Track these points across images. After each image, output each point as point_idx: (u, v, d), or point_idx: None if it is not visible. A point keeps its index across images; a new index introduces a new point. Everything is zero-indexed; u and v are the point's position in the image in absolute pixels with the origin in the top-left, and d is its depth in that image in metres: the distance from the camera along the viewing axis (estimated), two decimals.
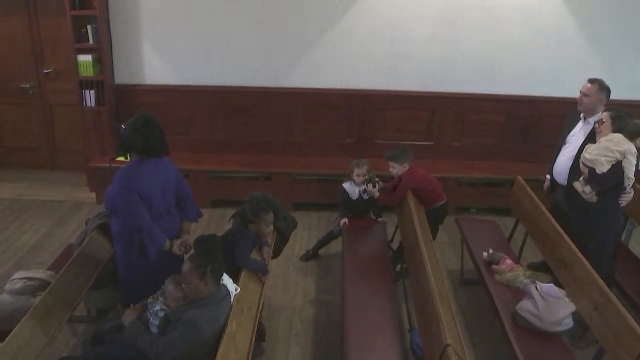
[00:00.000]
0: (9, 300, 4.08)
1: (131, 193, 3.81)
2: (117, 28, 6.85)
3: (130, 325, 3.62)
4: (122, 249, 4.06)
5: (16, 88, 7.55)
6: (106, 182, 6.33)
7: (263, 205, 4.24)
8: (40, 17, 7.22)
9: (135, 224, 3.88)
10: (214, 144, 7.18)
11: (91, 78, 6.83)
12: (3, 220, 6.65)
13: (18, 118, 7.77)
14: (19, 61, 7.45)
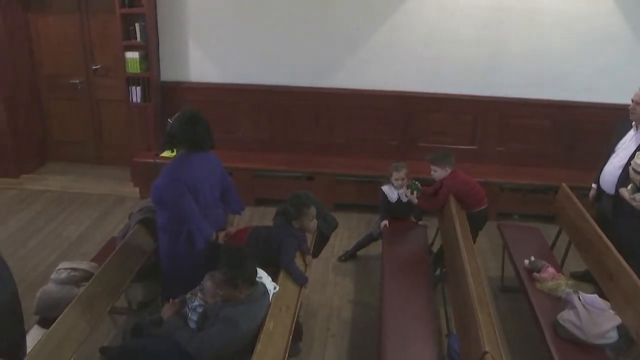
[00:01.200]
0: (55, 289, 4.18)
1: (179, 185, 3.86)
2: (164, 26, 6.96)
3: (169, 320, 3.67)
4: (168, 241, 4.11)
5: (66, 84, 7.74)
6: (150, 177, 6.46)
7: (305, 200, 4.26)
8: (90, 16, 7.38)
9: (184, 215, 3.94)
10: (258, 143, 7.22)
11: (138, 75, 6.96)
12: (50, 212, 6.83)
13: (67, 113, 7.95)
14: (70, 58, 7.63)
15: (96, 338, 4.29)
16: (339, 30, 6.75)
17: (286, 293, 3.97)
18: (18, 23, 7.43)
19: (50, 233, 6.37)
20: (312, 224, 4.35)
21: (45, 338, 3.36)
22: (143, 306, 4.61)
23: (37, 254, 5.94)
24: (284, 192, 5.83)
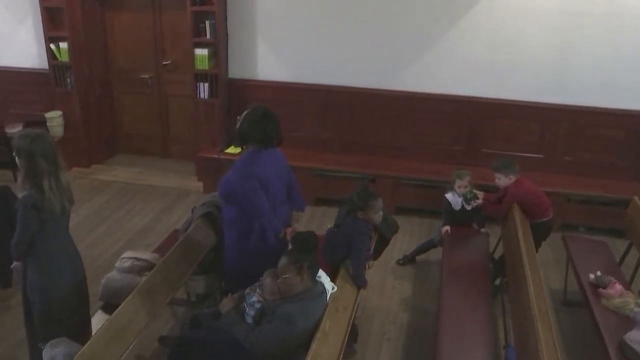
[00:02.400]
0: (118, 277, 4.30)
1: (252, 180, 3.88)
2: (234, 24, 7.06)
3: (227, 314, 3.72)
4: (235, 236, 4.12)
5: (137, 78, 7.95)
6: (214, 172, 6.60)
7: (372, 192, 4.25)
8: (163, 13, 7.57)
9: (255, 210, 3.94)
10: (321, 143, 7.24)
11: (206, 71, 7.09)
12: (117, 202, 7.04)
13: (137, 107, 8.17)
14: (141, 53, 7.84)
15: (155, 327, 4.40)
16: (405, 33, 6.69)
17: (344, 294, 3.96)
18: (95, 20, 7.69)
19: (117, 222, 6.57)
20: (378, 216, 4.29)
21: (107, 324, 3.47)
22: (202, 299, 4.69)
23: (104, 242, 6.13)
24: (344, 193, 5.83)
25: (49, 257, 3.62)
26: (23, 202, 3.46)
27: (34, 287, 3.66)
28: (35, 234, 3.52)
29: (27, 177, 3.46)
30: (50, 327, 3.66)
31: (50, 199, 3.48)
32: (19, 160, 3.47)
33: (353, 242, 4.14)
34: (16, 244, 3.56)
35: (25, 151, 3.44)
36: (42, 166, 3.45)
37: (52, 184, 3.49)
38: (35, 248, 3.57)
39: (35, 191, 3.45)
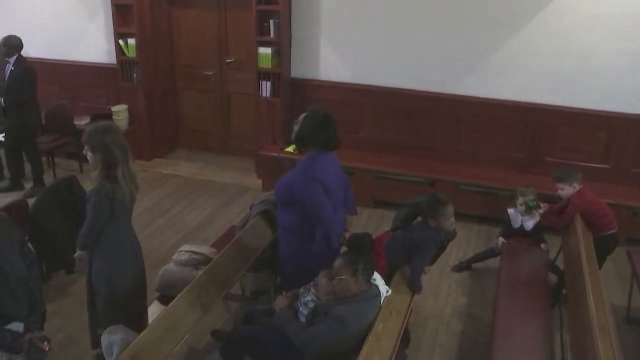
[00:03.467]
0: (175, 270, 4.38)
1: (316, 183, 3.87)
2: (298, 23, 7.10)
3: (280, 312, 3.74)
4: (294, 240, 4.09)
5: (201, 75, 8.08)
6: (273, 170, 6.66)
7: (440, 198, 4.18)
8: (228, 11, 7.67)
9: (320, 214, 3.91)
10: (380, 145, 7.20)
11: (269, 70, 7.14)
12: (177, 196, 7.17)
13: (199, 103, 8.31)
14: (206, 51, 7.97)
15: (209, 321, 4.45)
16: (470, 36, 6.57)
17: (398, 298, 3.94)
18: (162, 17, 7.87)
19: (176, 215, 6.69)
20: (449, 223, 4.21)
21: (163, 315, 3.54)
22: (256, 295, 4.73)
23: (162, 234, 6.26)
24: (404, 196, 5.80)
25: (116, 246, 3.75)
26: (96, 192, 3.58)
27: (99, 275, 3.77)
28: (104, 224, 3.64)
29: (103, 169, 3.58)
30: (112, 314, 3.77)
31: (122, 187, 3.61)
32: (95, 155, 3.59)
33: (420, 248, 4.10)
34: (86, 234, 3.68)
35: (100, 145, 3.56)
36: (117, 155, 3.58)
37: (124, 171, 3.63)
38: (103, 237, 3.69)
39: (108, 182, 3.56)
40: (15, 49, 6.86)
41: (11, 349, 3.11)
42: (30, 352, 3.15)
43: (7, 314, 3.14)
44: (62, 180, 5.38)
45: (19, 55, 6.89)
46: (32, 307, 3.27)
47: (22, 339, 3.14)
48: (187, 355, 4.40)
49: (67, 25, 8.18)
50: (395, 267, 4.21)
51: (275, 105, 7.28)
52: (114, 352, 3.37)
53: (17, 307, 3.18)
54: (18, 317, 3.19)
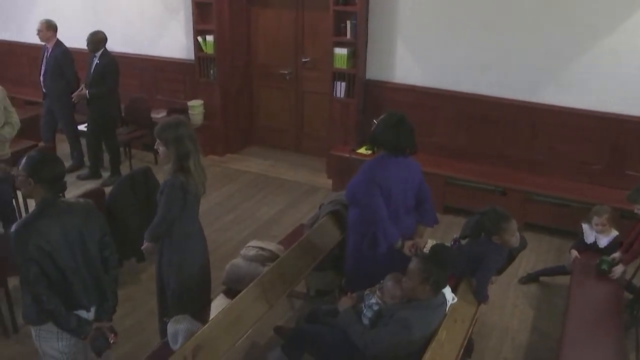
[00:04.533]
0: (242, 264, 4.42)
1: (373, 185, 3.88)
2: (374, 25, 7.05)
3: (344, 312, 3.72)
4: (355, 239, 4.14)
5: (276, 74, 8.15)
6: (344, 171, 6.65)
7: (503, 214, 4.09)
8: (306, 11, 7.71)
9: (372, 215, 3.94)
10: (453, 150, 7.06)
11: (344, 70, 7.14)
12: (248, 192, 7.27)
13: (274, 101, 8.39)
14: (282, 49, 8.04)
15: (272, 317, 4.47)
16: (551, 42, 6.35)
17: (463, 306, 3.87)
18: (241, 15, 7.99)
19: (245, 211, 6.78)
20: (515, 239, 4.13)
21: (228, 308, 3.59)
22: (321, 294, 4.73)
23: (231, 229, 6.35)
24: (474, 203, 5.68)
25: (186, 237, 3.83)
26: (170, 184, 3.67)
27: (170, 265, 3.86)
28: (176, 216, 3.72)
29: (176, 162, 3.67)
30: (180, 305, 3.86)
31: (194, 179, 3.70)
32: (168, 149, 3.67)
33: (484, 262, 4.02)
34: (158, 225, 3.78)
35: (173, 139, 3.65)
36: (189, 147, 3.67)
37: (195, 163, 3.71)
38: (174, 229, 3.78)
39: (181, 174, 3.65)
40: (101, 43, 7.13)
41: (77, 333, 3.21)
42: (95, 340, 3.24)
43: (75, 301, 3.23)
44: (138, 171, 5.54)
45: (104, 50, 7.16)
46: (103, 298, 3.36)
47: (89, 326, 3.22)
48: (248, 350, 4.45)
49: (149, 21, 8.43)
50: (461, 277, 4.13)
51: (349, 106, 7.27)
52: (179, 341, 3.44)
53: (86, 295, 3.27)
54: (85, 307, 3.28)
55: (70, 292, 3.20)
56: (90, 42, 7.09)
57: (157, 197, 3.79)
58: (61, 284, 3.16)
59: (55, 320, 3.16)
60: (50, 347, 3.31)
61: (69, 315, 3.16)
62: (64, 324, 3.16)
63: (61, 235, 3.12)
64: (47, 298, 3.09)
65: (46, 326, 3.24)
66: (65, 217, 3.18)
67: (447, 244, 4.00)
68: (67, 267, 3.16)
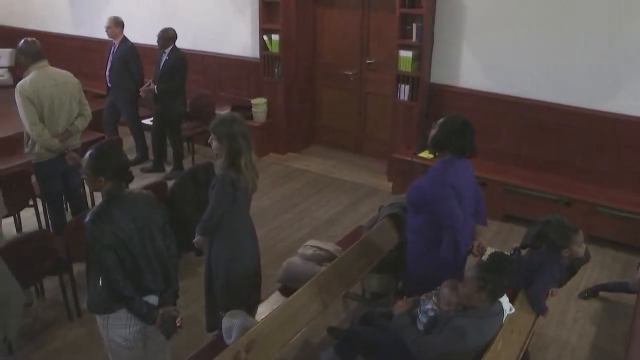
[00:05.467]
0: (299, 263, 4.44)
1: (447, 189, 3.81)
2: (440, 28, 6.97)
3: (399, 316, 3.69)
4: (421, 244, 4.04)
5: (340, 74, 8.16)
6: (405, 174, 6.60)
7: (570, 224, 4.00)
8: (372, 12, 7.68)
9: (449, 220, 3.85)
10: (516, 157, 6.90)
11: (408, 73, 7.07)
12: (308, 191, 7.30)
13: (336, 101, 8.40)
14: (347, 50, 8.04)
15: (327, 317, 4.47)
16: (625, 48, 6.11)
17: (521, 317, 3.78)
18: (307, 15, 8.04)
19: (304, 210, 6.81)
20: (581, 249, 4.04)
21: (283, 305, 3.61)
22: (376, 297, 4.70)
23: (290, 227, 6.40)
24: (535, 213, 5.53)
25: (235, 233, 3.90)
26: (221, 179, 3.75)
27: (219, 259, 3.93)
28: (226, 211, 3.77)
29: (228, 158, 3.73)
30: (229, 299, 3.93)
31: (245, 176, 3.76)
32: (221, 145, 3.75)
33: (541, 272, 3.95)
34: (207, 219, 3.85)
35: (227, 135, 3.72)
36: (241, 145, 3.73)
37: (246, 161, 3.78)
38: (224, 224, 3.85)
39: (232, 170, 3.70)
40: (171, 40, 7.31)
41: (146, 319, 3.31)
42: (163, 324, 3.33)
43: (145, 287, 3.33)
44: (200, 166, 5.64)
45: (173, 47, 7.34)
46: (167, 283, 3.45)
47: (156, 311, 3.32)
48: (301, 348, 4.46)
49: (217, 20, 8.57)
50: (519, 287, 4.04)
51: (412, 109, 7.20)
52: (233, 336, 3.49)
53: (154, 281, 3.37)
54: (154, 291, 3.38)
55: (141, 278, 3.31)
56: (160, 38, 7.28)
57: (209, 191, 3.86)
58: (134, 270, 3.28)
59: (129, 306, 3.28)
60: (117, 335, 3.42)
61: (141, 301, 3.26)
62: (137, 309, 3.27)
63: (130, 223, 3.24)
64: (124, 284, 3.21)
65: (115, 314, 3.35)
66: (132, 206, 3.29)
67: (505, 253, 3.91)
68: (138, 254, 3.27)
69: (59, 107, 5.25)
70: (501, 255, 3.58)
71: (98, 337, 3.55)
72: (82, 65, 9.74)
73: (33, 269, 4.51)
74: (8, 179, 5.51)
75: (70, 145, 5.45)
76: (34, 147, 5.31)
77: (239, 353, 3.22)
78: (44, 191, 5.67)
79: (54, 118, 5.25)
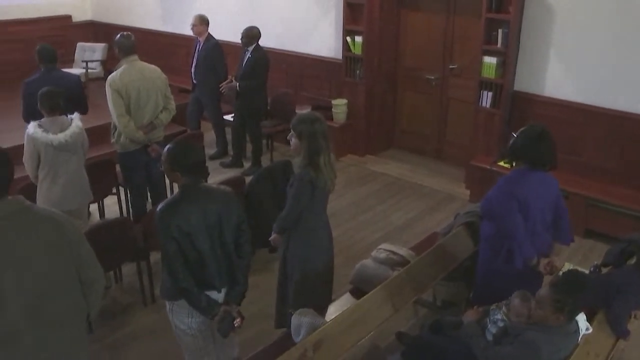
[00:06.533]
0: (372, 266, 4.44)
1: (511, 199, 3.77)
2: (527, 35, 6.78)
3: (468, 324, 3.64)
4: (488, 253, 4.05)
5: (422, 78, 8.09)
6: (483, 182, 6.48)
7: None
8: (456, 17, 7.58)
9: (508, 230, 3.84)
10: (601, 171, 6.59)
11: (491, 80, 6.93)
12: (384, 194, 7.29)
13: (417, 106, 8.34)
14: (430, 55, 7.96)
15: (395, 322, 4.44)
16: None
17: (599, 339, 3.65)
18: (391, 18, 8.01)
19: (379, 213, 6.80)
20: None
21: (353, 307, 3.63)
22: (447, 305, 4.65)
23: (364, 229, 6.40)
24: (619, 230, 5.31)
25: (312, 232, 3.94)
26: (300, 178, 3.78)
27: (294, 258, 3.98)
28: (303, 209, 3.80)
29: (307, 156, 3.76)
30: (301, 297, 3.97)
31: (323, 175, 3.78)
32: (301, 143, 3.77)
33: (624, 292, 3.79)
34: (285, 217, 3.91)
35: (308, 133, 3.74)
36: (321, 145, 3.75)
37: (325, 160, 3.79)
38: (301, 222, 3.89)
39: (311, 168, 3.73)
40: (254, 38, 7.45)
41: (205, 312, 3.37)
42: (222, 321, 3.37)
43: (208, 282, 3.40)
44: (278, 163, 5.72)
45: (256, 45, 7.47)
46: (235, 281, 3.50)
47: (218, 307, 3.37)
48: (368, 351, 4.43)
49: (301, 19, 8.67)
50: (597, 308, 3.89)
51: (494, 116, 7.05)
52: (301, 334, 3.52)
53: (218, 278, 3.43)
54: (217, 288, 3.44)
55: (204, 272, 3.38)
56: (244, 36, 7.43)
57: (287, 189, 3.90)
58: (197, 264, 3.35)
59: (187, 298, 3.36)
60: (181, 322, 3.52)
61: (200, 294, 3.34)
62: (194, 301, 3.34)
63: (201, 218, 3.31)
64: (183, 276, 3.29)
65: (179, 302, 3.44)
66: (205, 201, 3.36)
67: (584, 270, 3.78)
68: (203, 248, 3.34)
69: (145, 100, 5.45)
70: (576, 274, 3.44)
71: (169, 324, 3.65)
72: (169, 60, 10.05)
73: (113, 254, 4.72)
74: (95, 167, 5.75)
75: (154, 137, 5.65)
76: (119, 138, 5.54)
77: (306, 351, 3.24)
78: (127, 180, 5.92)
79: (139, 111, 5.45)
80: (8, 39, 10.55)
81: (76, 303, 2.87)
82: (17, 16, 10.76)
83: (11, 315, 2.59)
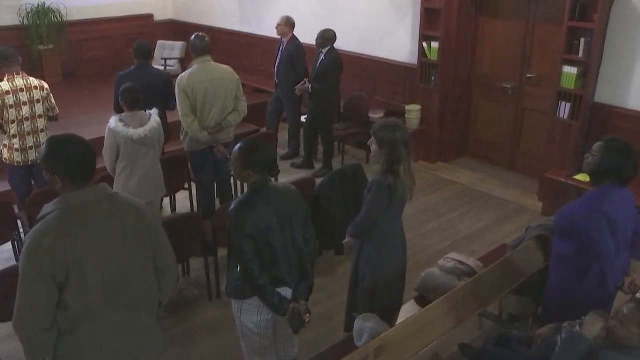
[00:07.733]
0: (438, 274, 4.39)
1: (600, 217, 3.60)
2: (612, 45, 6.54)
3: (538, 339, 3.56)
4: (566, 273, 3.86)
5: (498, 86, 7.94)
6: (557, 195, 6.32)
7: None
8: (536, 24, 7.39)
9: (599, 251, 3.66)
10: None
11: (570, 90, 6.70)
12: (454, 203, 7.21)
13: (491, 114, 8.19)
14: (506, 62, 7.80)
15: (459, 333, 4.38)
16: None
17: None
18: (468, 24, 7.91)
19: (448, 221, 6.73)
20: None
21: (417, 315, 3.61)
22: (513, 319, 4.56)
23: (432, 237, 6.35)
24: None
25: (386, 238, 3.92)
26: (378, 183, 3.77)
27: (366, 263, 3.97)
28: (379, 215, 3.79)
29: (387, 163, 3.74)
30: (370, 303, 3.96)
31: (403, 183, 3.75)
32: (381, 150, 3.76)
33: None
34: (360, 222, 3.90)
35: (389, 141, 3.72)
36: (401, 153, 3.73)
37: (405, 168, 3.76)
38: (376, 228, 3.88)
39: (390, 175, 3.72)
40: (329, 41, 7.51)
41: (277, 309, 3.43)
42: (292, 318, 3.43)
43: (280, 278, 3.46)
44: (349, 166, 5.74)
45: (331, 47, 7.53)
46: (303, 277, 3.56)
47: (288, 304, 3.43)
48: None
49: (377, 23, 8.65)
50: None
51: (571, 128, 6.83)
52: (363, 338, 3.52)
53: (289, 274, 3.49)
54: (288, 284, 3.50)
55: (276, 269, 3.44)
56: (319, 37, 7.50)
57: (364, 194, 3.90)
58: (271, 261, 3.42)
59: (261, 295, 3.42)
60: (249, 320, 3.58)
61: (273, 291, 3.39)
62: (268, 298, 3.41)
63: (273, 215, 3.38)
64: (259, 273, 3.36)
65: (248, 300, 3.51)
66: (275, 199, 3.43)
67: None
68: (277, 245, 3.41)
69: (212, 101, 5.52)
70: None
71: (232, 320, 3.72)
72: (243, 59, 10.25)
73: (182, 248, 4.81)
74: (169, 162, 5.91)
75: (221, 138, 5.71)
76: (186, 137, 5.67)
77: (367, 356, 3.24)
78: (196, 177, 6.05)
79: (205, 111, 5.54)
80: (94, 36, 11.10)
81: (151, 289, 2.99)
82: (104, 15, 11.27)
83: (93, 299, 2.72)
